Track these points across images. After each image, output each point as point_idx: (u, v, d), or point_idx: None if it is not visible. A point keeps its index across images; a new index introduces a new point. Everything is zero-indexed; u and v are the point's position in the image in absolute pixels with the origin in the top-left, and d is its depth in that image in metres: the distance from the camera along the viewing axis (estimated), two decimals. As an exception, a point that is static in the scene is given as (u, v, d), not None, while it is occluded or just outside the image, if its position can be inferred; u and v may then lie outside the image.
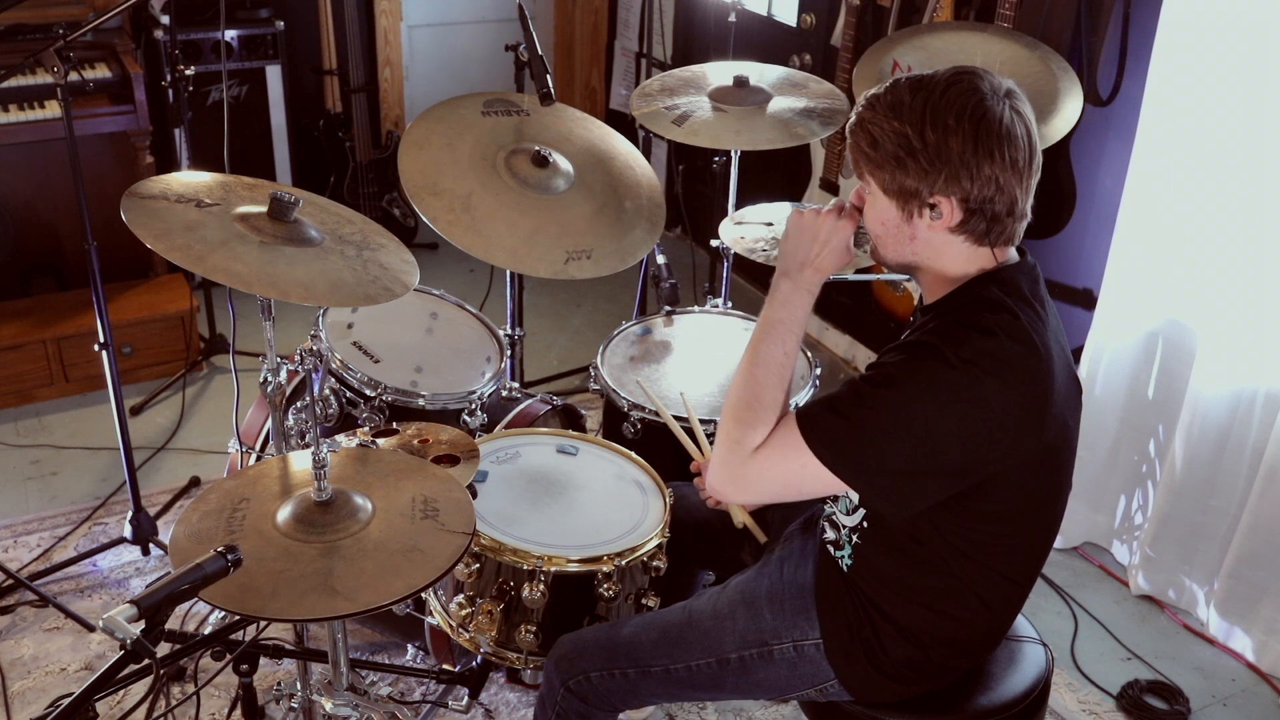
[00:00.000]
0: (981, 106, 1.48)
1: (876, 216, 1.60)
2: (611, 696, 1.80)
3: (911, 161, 1.50)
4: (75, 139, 2.41)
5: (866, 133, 1.54)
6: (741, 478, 1.64)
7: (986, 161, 1.48)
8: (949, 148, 1.48)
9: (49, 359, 3.48)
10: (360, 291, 1.87)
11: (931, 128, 1.49)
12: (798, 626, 1.75)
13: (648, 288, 3.44)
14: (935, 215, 1.53)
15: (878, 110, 1.53)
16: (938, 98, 1.49)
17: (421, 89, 4.72)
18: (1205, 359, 2.64)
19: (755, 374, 1.65)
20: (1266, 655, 2.67)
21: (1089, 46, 2.84)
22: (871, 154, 1.54)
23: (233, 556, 1.35)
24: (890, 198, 1.56)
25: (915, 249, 1.59)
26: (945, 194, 1.51)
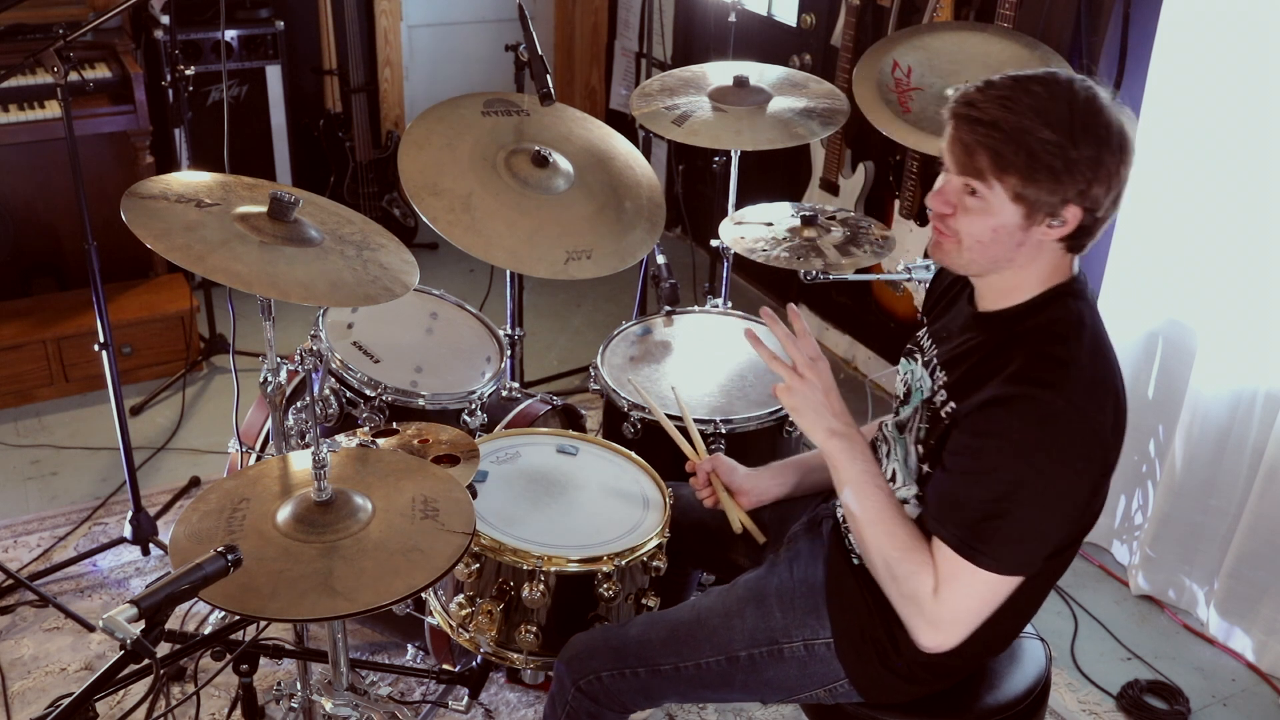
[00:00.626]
0: (1119, 116, 1.46)
1: (988, 223, 1.49)
2: (622, 696, 1.79)
3: (1064, 171, 1.44)
4: (75, 139, 2.41)
5: (1004, 133, 1.44)
6: (943, 624, 1.56)
7: (1124, 170, 1.47)
8: (1101, 160, 1.44)
9: (49, 359, 3.48)
10: (360, 291, 1.87)
11: (1085, 138, 1.43)
12: (808, 625, 1.74)
13: (648, 288, 3.44)
14: (1055, 223, 1.48)
15: (1019, 113, 1.43)
16: (1081, 104, 1.44)
17: (421, 89, 4.72)
18: (1205, 359, 2.64)
19: (880, 530, 1.60)
20: (1266, 655, 2.67)
21: (1089, 46, 2.84)
22: (1012, 159, 1.44)
23: (233, 556, 1.35)
24: (1020, 204, 1.47)
25: (1014, 255, 1.52)
26: (1080, 203, 1.47)
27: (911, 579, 1.57)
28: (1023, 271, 1.55)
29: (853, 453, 1.64)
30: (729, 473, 1.99)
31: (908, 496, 1.67)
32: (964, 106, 1.48)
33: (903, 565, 1.58)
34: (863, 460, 1.64)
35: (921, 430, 1.64)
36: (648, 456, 2.19)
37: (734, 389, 2.50)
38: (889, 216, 3.57)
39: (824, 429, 1.65)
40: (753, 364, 2.60)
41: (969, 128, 1.47)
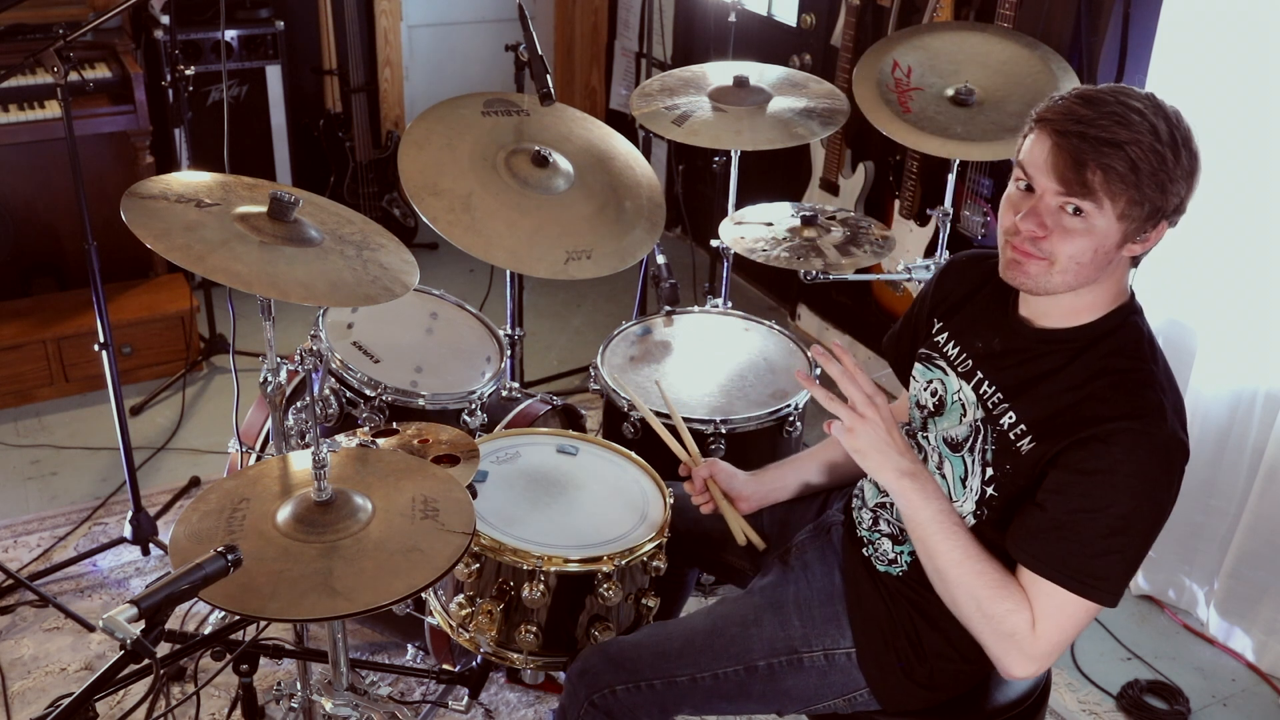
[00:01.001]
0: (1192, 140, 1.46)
1: (1090, 243, 1.46)
2: (637, 711, 1.75)
3: (1171, 187, 1.43)
4: (75, 139, 2.41)
5: (1126, 155, 1.40)
6: (1041, 656, 1.53)
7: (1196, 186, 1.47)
8: (1194, 174, 1.45)
9: (49, 359, 3.48)
10: (360, 291, 1.87)
11: (1186, 153, 1.43)
12: (828, 635, 1.73)
13: (648, 288, 3.44)
14: (1144, 238, 1.48)
15: (1135, 130, 1.40)
16: (1172, 118, 1.43)
17: (421, 89, 4.73)
18: (1205, 359, 2.64)
19: (967, 569, 1.55)
20: (1266, 655, 2.67)
21: (1089, 46, 2.84)
22: (1130, 177, 1.41)
23: (233, 556, 1.35)
24: (1125, 222, 1.44)
25: (1100, 275, 1.50)
26: (1170, 219, 1.47)
27: (1010, 617, 1.52)
28: (1096, 289, 1.53)
29: (925, 493, 1.57)
30: (728, 479, 1.97)
31: (966, 513, 1.63)
32: (1072, 124, 1.42)
33: (998, 604, 1.53)
34: (937, 499, 1.58)
35: (989, 453, 1.59)
36: (648, 456, 2.19)
37: (734, 389, 2.50)
38: (889, 216, 3.57)
39: (893, 469, 1.57)
40: (752, 364, 2.60)
41: (1087, 146, 1.41)
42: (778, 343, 2.68)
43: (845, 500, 1.90)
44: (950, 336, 1.71)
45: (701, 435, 2.34)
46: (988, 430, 1.60)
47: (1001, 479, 1.58)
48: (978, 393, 1.62)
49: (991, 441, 1.59)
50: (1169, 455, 1.47)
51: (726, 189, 2.98)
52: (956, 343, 1.69)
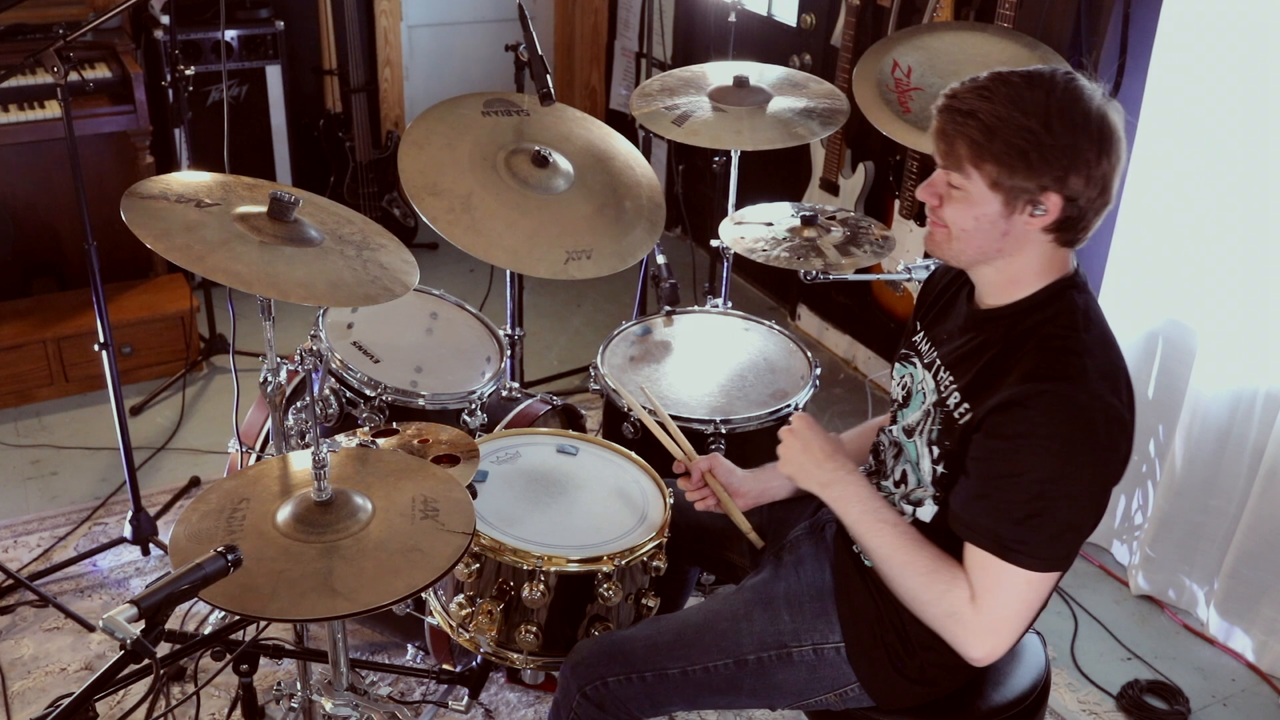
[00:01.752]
0: (1102, 107, 1.48)
1: (970, 212, 1.53)
2: (629, 703, 1.77)
3: (1036, 156, 1.46)
4: (75, 139, 2.41)
5: (980, 122, 1.48)
6: (989, 631, 1.55)
7: (1104, 161, 1.48)
8: (1077, 146, 1.46)
9: (49, 359, 3.48)
10: (360, 291, 1.87)
11: (1060, 122, 1.46)
12: (817, 629, 1.74)
13: (648, 288, 3.44)
14: (1038, 211, 1.50)
15: (995, 101, 1.47)
16: (1060, 93, 1.47)
17: (421, 89, 4.73)
18: (1205, 359, 2.64)
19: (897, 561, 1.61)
20: (1266, 655, 2.67)
21: (1089, 46, 2.84)
22: (986, 145, 1.48)
23: (233, 556, 1.35)
24: (998, 192, 1.50)
25: (1002, 245, 1.55)
26: (1059, 190, 1.49)
27: (946, 597, 1.57)
28: (1015, 264, 1.57)
29: (847, 498, 1.67)
30: (727, 475, 1.98)
31: (924, 498, 1.67)
32: (946, 99, 1.52)
33: (932, 588, 1.58)
34: (860, 502, 1.66)
35: (934, 432, 1.64)
36: (648, 456, 2.19)
37: (734, 389, 2.50)
38: (889, 216, 3.57)
39: (815, 483, 1.70)
40: (753, 364, 2.60)
41: (949, 119, 1.51)
42: (778, 343, 2.68)
43: None
44: (926, 334, 1.76)
45: (701, 435, 2.34)
46: (936, 412, 1.65)
47: (946, 456, 1.62)
48: (935, 379, 1.67)
49: (938, 421, 1.64)
50: (1091, 417, 1.48)
51: (726, 189, 2.98)
52: (929, 338, 1.74)
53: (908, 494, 1.70)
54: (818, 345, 4.07)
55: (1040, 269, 1.57)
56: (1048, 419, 1.48)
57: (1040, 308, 1.57)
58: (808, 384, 2.50)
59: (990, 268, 1.59)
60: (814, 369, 2.56)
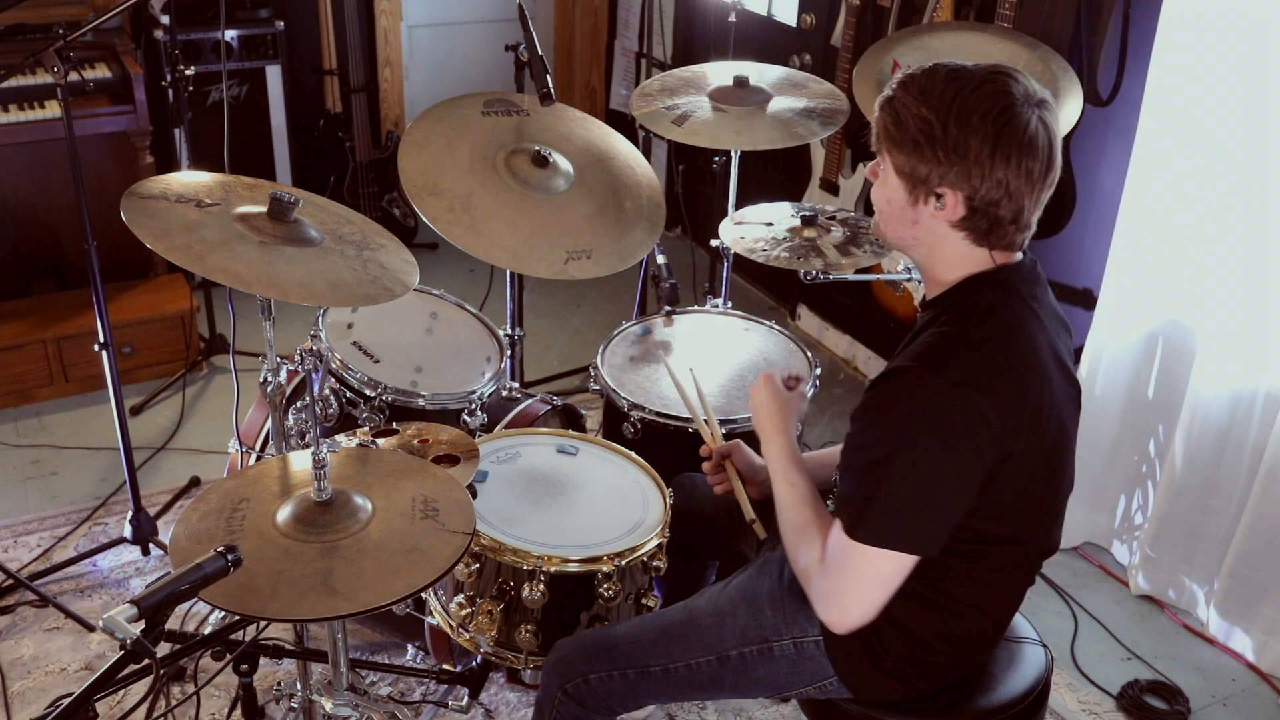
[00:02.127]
0: (1010, 110, 1.48)
1: (885, 194, 1.61)
2: (610, 699, 1.79)
3: (929, 149, 1.51)
4: (75, 139, 2.41)
5: (893, 110, 1.55)
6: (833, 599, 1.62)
7: (1001, 165, 1.49)
8: (968, 144, 1.49)
9: (49, 359, 3.48)
10: (360, 291, 1.87)
11: (955, 121, 1.49)
12: (797, 624, 1.75)
13: (648, 288, 3.44)
14: (939, 205, 1.54)
15: (909, 91, 1.53)
16: (969, 92, 1.49)
17: (421, 89, 4.73)
18: (1205, 359, 2.64)
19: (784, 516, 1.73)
20: (1266, 655, 2.67)
21: (1089, 46, 2.84)
22: (893, 132, 1.55)
23: (233, 556, 1.35)
24: (901, 178, 1.56)
25: (915, 234, 1.60)
26: (953, 187, 1.52)
27: (803, 555, 1.66)
28: (934, 258, 1.61)
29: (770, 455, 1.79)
30: (748, 462, 2.01)
31: None
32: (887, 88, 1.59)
33: (797, 544, 1.67)
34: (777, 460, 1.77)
35: None
36: (648, 456, 2.19)
37: (734, 389, 2.50)
38: (889, 216, 3.57)
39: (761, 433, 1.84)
40: (753, 364, 2.60)
41: (880, 102, 1.59)
42: (778, 343, 2.68)
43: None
44: None
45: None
46: None
47: None
48: None
49: None
50: (942, 404, 1.50)
51: (726, 189, 2.98)
52: None
53: None
54: (818, 345, 4.07)
55: (955, 265, 1.60)
56: (896, 396, 1.54)
57: (946, 300, 1.61)
58: (808, 384, 2.50)
59: (917, 259, 1.65)
60: (814, 369, 2.56)
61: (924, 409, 1.51)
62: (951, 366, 1.51)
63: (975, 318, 1.56)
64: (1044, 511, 1.67)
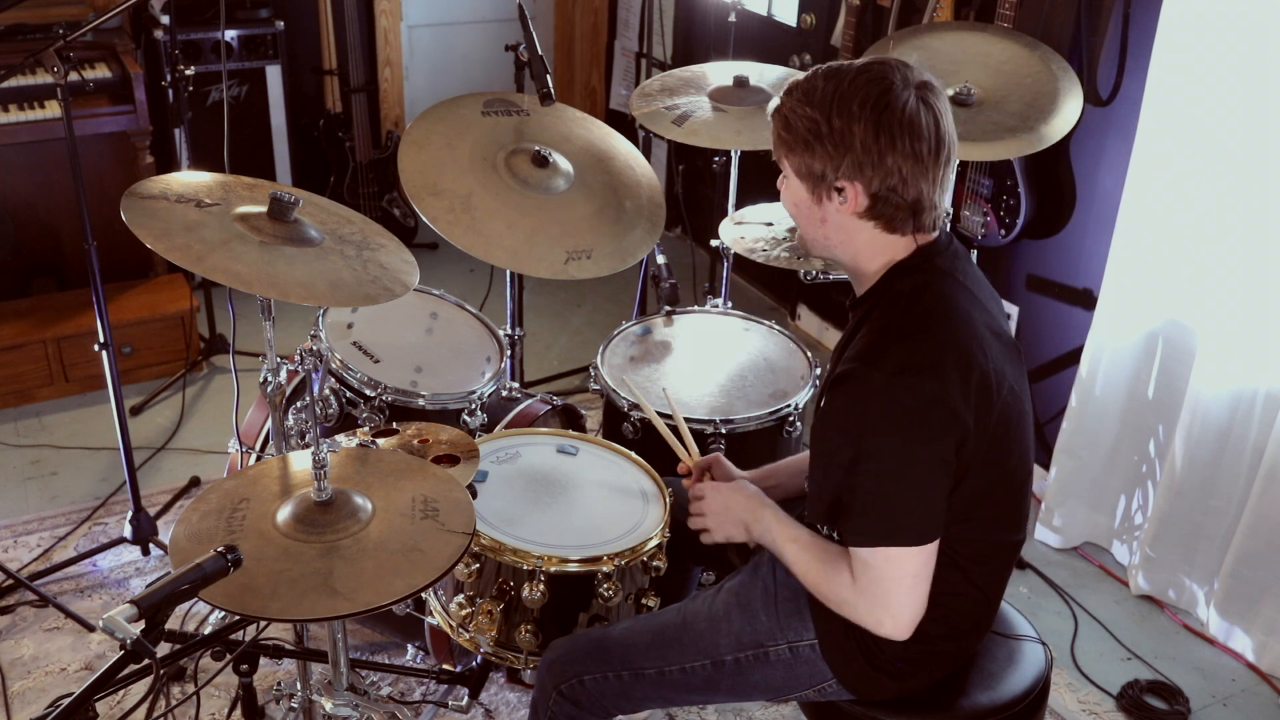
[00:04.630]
0: (886, 96, 1.52)
1: (790, 198, 1.65)
2: (605, 700, 1.79)
3: (819, 146, 1.55)
4: (75, 139, 2.41)
5: (781, 116, 1.59)
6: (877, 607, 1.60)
7: (889, 151, 1.52)
8: (851, 134, 1.52)
9: (49, 359, 3.48)
10: (360, 291, 1.87)
11: (837, 114, 1.53)
12: (792, 628, 1.75)
13: (648, 288, 3.44)
14: (842, 200, 1.58)
15: (793, 95, 1.58)
16: (846, 85, 1.53)
17: (421, 89, 4.73)
18: (1205, 359, 2.64)
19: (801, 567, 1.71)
20: (1266, 655, 2.67)
21: (1089, 46, 2.84)
22: (785, 136, 1.59)
23: (233, 556, 1.35)
24: (801, 180, 1.61)
25: (827, 233, 1.63)
26: (850, 179, 1.55)
27: (835, 588, 1.64)
28: (853, 253, 1.64)
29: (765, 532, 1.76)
30: (726, 476, 1.99)
31: None
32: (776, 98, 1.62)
33: (826, 583, 1.66)
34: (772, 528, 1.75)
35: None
36: (648, 456, 2.19)
37: (734, 389, 2.50)
38: (889, 216, 3.57)
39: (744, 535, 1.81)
40: (753, 364, 2.60)
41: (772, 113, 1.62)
42: (778, 343, 2.68)
43: None
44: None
45: (701, 435, 2.34)
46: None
47: None
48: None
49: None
50: (890, 403, 1.52)
51: (726, 189, 2.98)
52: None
53: None
54: (818, 345, 4.07)
55: (876, 255, 1.63)
56: (845, 401, 1.56)
57: (874, 295, 1.63)
58: (808, 384, 2.50)
59: (835, 256, 1.66)
60: (814, 369, 2.56)
61: (874, 407, 1.53)
62: (889, 358, 1.53)
63: (901, 305, 1.58)
64: (1014, 476, 1.67)
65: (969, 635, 1.77)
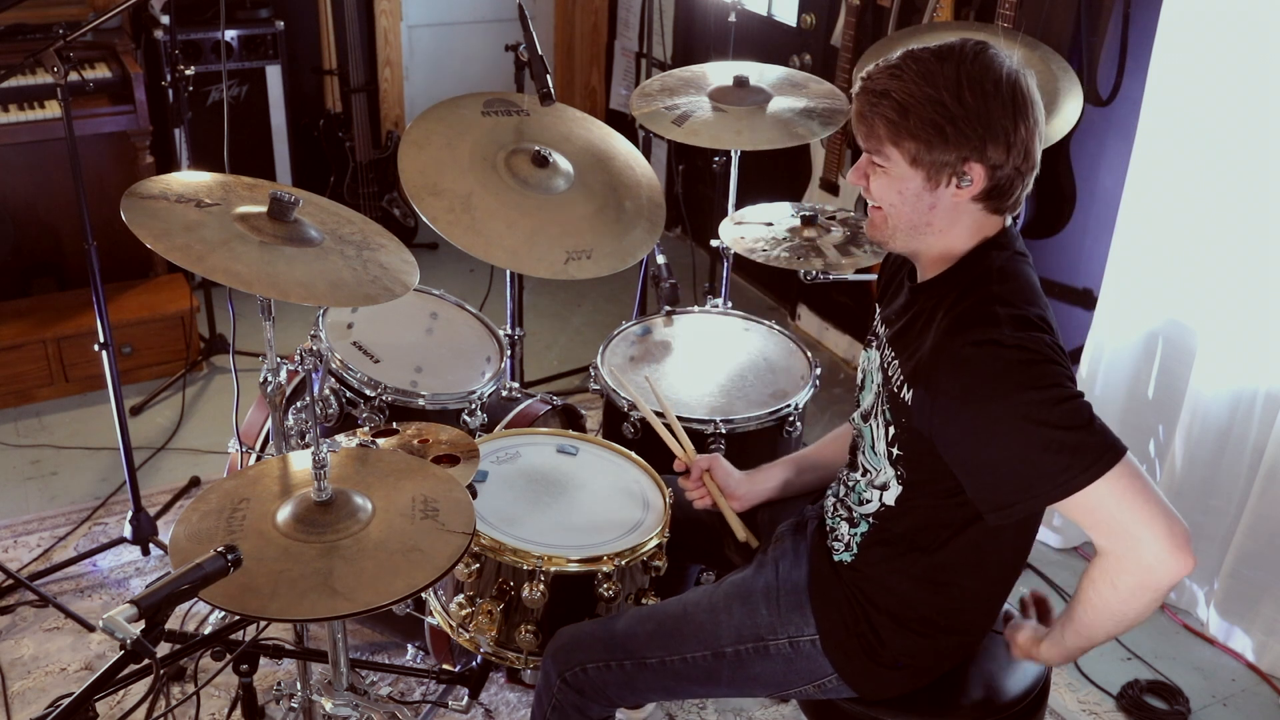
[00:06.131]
0: (1013, 73, 1.49)
1: (893, 186, 1.55)
2: (608, 689, 1.80)
3: (950, 128, 1.48)
4: (75, 139, 2.41)
5: (893, 101, 1.49)
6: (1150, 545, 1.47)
7: (1022, 125, 1.49)
8: (989, 113, 1.47)
9: (49, 359, 3.48)
10: (360, 291, 1.87)
11: (970, 93, 1.47)
12: (793, 623, 1.75)
13: (648, 288, 3.44)
14: (964, 183, 1.51)
15: (905, 79, 1.49)
16: (970, 64, 1.48)
17: (421, 89, 4.72)
18: (1205, 359, 2.64)
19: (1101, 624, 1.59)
20: (1266, 655, 2.67)
21: (1089, 46, 2.84)
22: (901, 122, 1.49)
23: (233, 556, 1.35)
24: (917, 168, 1.52)
25: (931, 219, 1.56)
26: (979, 160, 1.50)
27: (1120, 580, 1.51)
28: (946, 238, 1.58)
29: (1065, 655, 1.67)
30: (725, 476, 2.00)
31: (888, 481, 1.67)
32: (862, 82, 1.54)
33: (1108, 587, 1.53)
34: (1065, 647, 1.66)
35: (886, 413, 1.65)
36: (648, 456, 2.19)
37: (734, 389, 2.50)
38: (889, 216, 3.57)
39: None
40: (753, 364, 2.60)
41: (865, 101, 1.53)
42: (778, 343, 2.68)
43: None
44: (880, 317, 1.77)
45: (701, 435, 2.34)
46: (884, 392, 1.65)
47: (901, 435, 1.62)
48: (882, 359, 1.68)
49: (886, 401, 1.64)
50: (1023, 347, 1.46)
51: (726, 189, 2.98)
52: (883, 320, 1.75)
53: (872, 480, 1.71)
54: (818, 345, 4.06)
55: (970, 237, 1.59)
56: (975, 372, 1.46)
57: (964, 273, 1.58)
58: (808, 384, 2.50)
59: (926, 244, 1.59)
60: (814, 369, 2.56)
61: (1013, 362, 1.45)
62: (997, 321, 1.48)
63: (996, 277, 1.55)
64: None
65: (971, 630, 1.77)
